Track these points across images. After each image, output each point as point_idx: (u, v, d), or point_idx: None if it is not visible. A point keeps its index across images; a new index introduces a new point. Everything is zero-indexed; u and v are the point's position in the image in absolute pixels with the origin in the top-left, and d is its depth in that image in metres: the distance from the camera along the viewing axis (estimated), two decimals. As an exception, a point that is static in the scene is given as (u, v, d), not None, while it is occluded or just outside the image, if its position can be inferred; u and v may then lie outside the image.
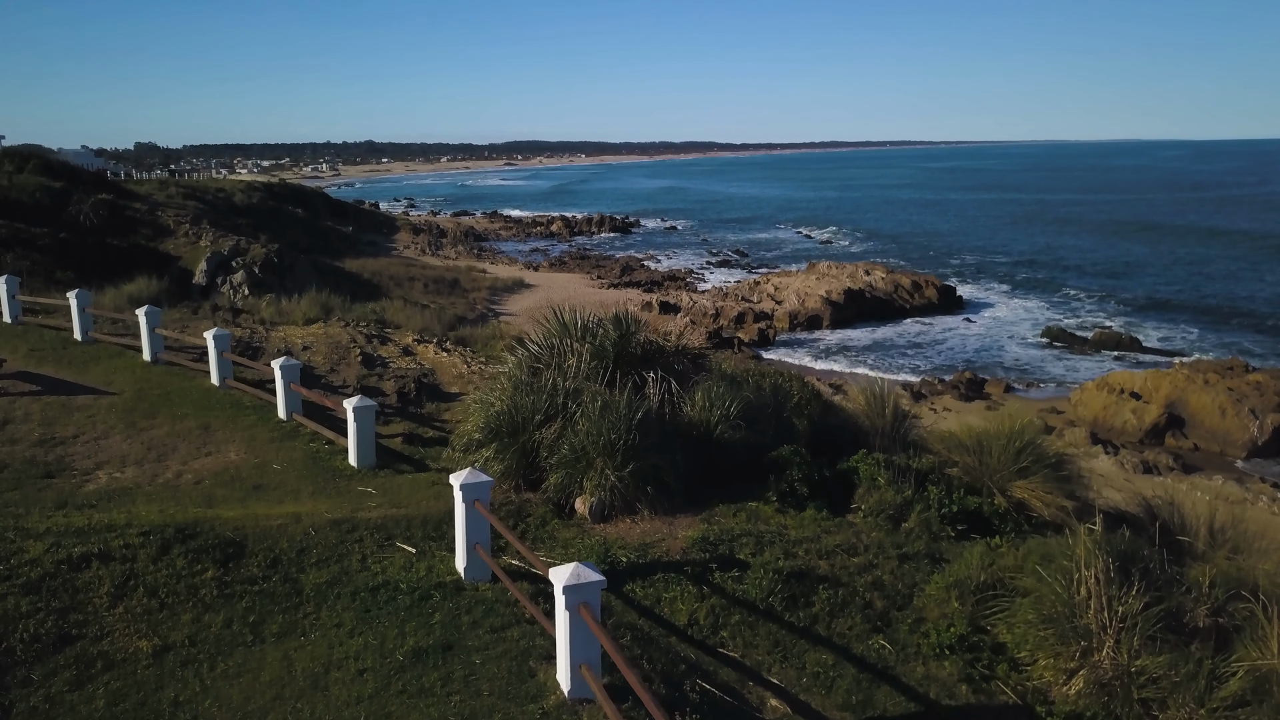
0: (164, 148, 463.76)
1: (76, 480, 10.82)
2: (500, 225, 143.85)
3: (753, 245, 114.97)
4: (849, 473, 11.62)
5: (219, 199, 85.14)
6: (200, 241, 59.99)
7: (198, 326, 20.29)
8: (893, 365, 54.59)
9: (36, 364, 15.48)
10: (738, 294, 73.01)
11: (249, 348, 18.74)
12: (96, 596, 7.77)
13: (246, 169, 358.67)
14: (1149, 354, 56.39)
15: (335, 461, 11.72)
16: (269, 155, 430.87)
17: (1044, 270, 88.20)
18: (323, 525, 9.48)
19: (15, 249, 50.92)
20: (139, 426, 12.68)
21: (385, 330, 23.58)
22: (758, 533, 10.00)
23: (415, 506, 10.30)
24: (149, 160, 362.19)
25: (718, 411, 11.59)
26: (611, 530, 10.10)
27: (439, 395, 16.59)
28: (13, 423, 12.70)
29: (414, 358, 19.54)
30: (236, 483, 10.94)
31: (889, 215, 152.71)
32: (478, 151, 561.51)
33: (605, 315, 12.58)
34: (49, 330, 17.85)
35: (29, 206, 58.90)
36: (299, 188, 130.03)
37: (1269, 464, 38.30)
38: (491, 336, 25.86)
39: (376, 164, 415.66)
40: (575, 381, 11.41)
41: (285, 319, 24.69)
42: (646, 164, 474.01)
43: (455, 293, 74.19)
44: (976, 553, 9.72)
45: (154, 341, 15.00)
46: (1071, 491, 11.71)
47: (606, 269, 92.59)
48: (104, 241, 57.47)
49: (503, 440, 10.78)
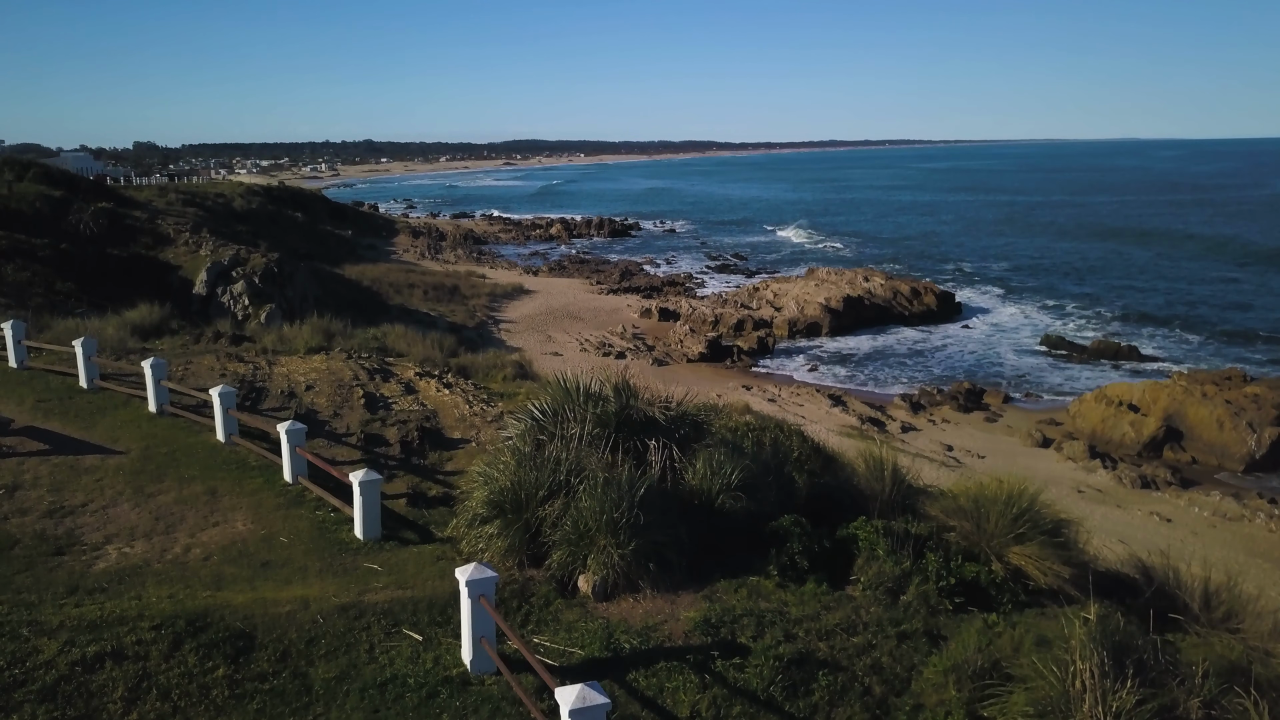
0: (163, 147, 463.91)
1: (86, 558, 10.96)
2: (500, 228, 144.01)
3: (752, 249, 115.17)
4: (848, 540, 11.78)
5: (218, 205, 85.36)
6: (200, 250, 60.14)
7: (200, 364, 20.42)
8: (891, 375, 54.80)
9: (44, 417, 15.62)
10: (737, 300, 73.18)
11: (252, 389, 18.88)
12: (111, 702, 7.92)
13: (245, 169, 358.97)
14: (1147, 362, 56.64)
15: (341, 533, 11.87)
16: (268, 155, 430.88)
17: (1042, 275, 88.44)
18: (330, 611, 9.64)
19: (15, 260, 51.09)
20: (146, 492, 12.83)
21: (387, 362, 23.71)
22: (759, 612, 10.16)
23: (421, 587, 10.45)
24: (148, 160, 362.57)
25: (719, 481, 11.74)
26: (614, 610, 10.26)
27: (441, 442, 16.73)
28: (22, 488, 12.85)
29: (416, 396, 19.66)
30: (244, 559, 11.09)
31: (887, 218, 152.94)
32: (476, 151, 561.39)
33: (606, 378, 12.72)
34: (55, 376, 17.98)
35: (29, 216, 59.07)
36: (298, 191, 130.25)
37: (1267, 478, 38.53)
38: (492, 366, 26.00)
39: (376, 164, 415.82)
40: (578, 452, 11.56)
41: (287, 348, 24.80)
42: (645, 164, 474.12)
43: (455, 300, 74.38)
44: (973, 633, 9.88)
45: (159, 394, 15.16)
46: (1069, 558, 11.85)
47: (606, 274, 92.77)
48: (104, 251, 57.61)
49: (506, 517, 10.93)
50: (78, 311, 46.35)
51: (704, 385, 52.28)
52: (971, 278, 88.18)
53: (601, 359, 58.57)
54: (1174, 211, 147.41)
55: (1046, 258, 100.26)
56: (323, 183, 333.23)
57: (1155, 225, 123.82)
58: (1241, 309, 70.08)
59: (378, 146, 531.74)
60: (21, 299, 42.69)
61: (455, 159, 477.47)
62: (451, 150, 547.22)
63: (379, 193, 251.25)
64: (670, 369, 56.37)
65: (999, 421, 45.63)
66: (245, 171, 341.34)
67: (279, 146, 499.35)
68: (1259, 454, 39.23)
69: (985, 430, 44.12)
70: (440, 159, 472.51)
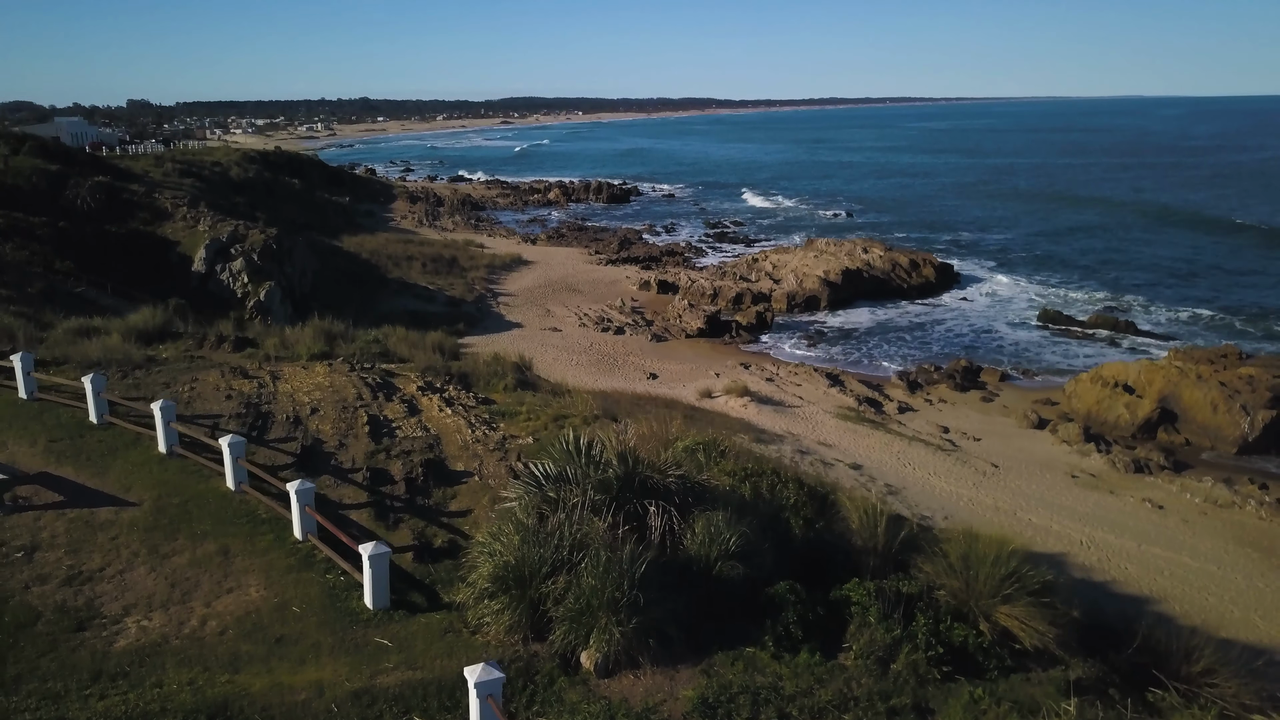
0: (157, 105, 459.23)
1: (107, 633, 11.38)
2: (497, 193, 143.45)
3: (750, 215, 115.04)
4: (842, 603, 12.20)
5: (215, 174, 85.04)
6: (199, 225, 60.17)
7: (206, 381, 20.71)
8: (890, 352, 55.17)
9: (57, 461, 15.98)
10: (735, 272, 73.30)
11: (258, 415, 19.19)
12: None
13: (241, 129, 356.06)
14: (1143, 337, 56.98)
15: (352, 601, 12.28)
16: (263, 113, 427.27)
17: (1040, 245, 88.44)
18: (344, 699, 10.08)
19: (14, 239, 51.21)
20: (161, 553, 13.22)
21: (389, 372, 24.02)
22: (754, 689, 10.59)
23: (430, 666, 10.88)
24: (142, 119, 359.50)
25: (717, 548, 12.12)
26: (615, 688, 10.69)
27: (445, 475, 17.10)
28: (41, 549, 13.25)
29: (419, 419, 19.98)
30: (259, 633, 11.51)
31: (887, 183, 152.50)
32: (473, 109, 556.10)
33: (611, 444, 13.05)
34: (65, 409, 18.31)
35: (26, 192, 59.08)
36: (294, 155, 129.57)
37: (1259, 461, 39.04)
38: (493, 374, 26.36)
39: (372, 123, 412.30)
40: (581, 522, 11.92)
41: (290, 353, 25.10)
42: (644, 122, 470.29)
43: (454, 272, 74.46)
44: (959, 709, 10.34)
45: (169, 435, 15.53)
46: (1055, 617, 12.26)
47: (604, 243, 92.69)
48: (102, 228, 57.70)
49: (511, 593, 11.33)
50: (77, 290, 46.58)
51: (702, 362, 52.65)
52: (969, 248, 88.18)
53: (600, 334, 58.90)
54: (1178, 176, 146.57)
55: (1046, 224, 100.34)
56: (319, 143, 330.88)
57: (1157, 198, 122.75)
58: (1240, 283, 70.24)
59: (374, 104, 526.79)
60: (22, 284, 42.90)
61: (452, 117, 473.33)
62: (448, 108, 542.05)
63: (376, 154, 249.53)
64: (669, 345, 56.70)
65: (995, 401, 46.05)
66: (241, 132, 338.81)
67: (274, 105, 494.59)
68: (1251, 436, 39.69)
69: (982, 411, 44.54)
70: (437, 117, 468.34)
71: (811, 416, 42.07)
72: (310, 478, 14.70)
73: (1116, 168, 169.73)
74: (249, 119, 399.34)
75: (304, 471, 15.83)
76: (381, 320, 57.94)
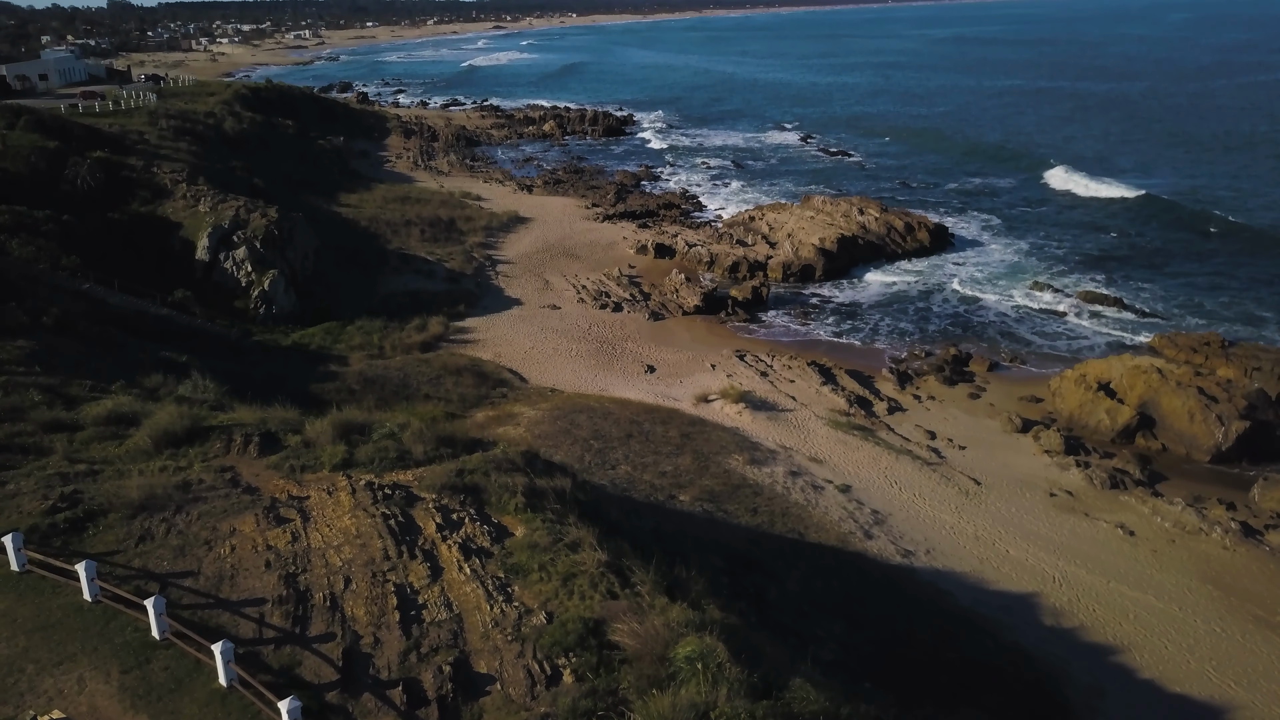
0: (139, 6, 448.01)
1: None
2: (491, 123, 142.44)
3: (749, 153, 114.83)
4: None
5: (209, 131, 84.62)
6: (199, 205, 60.70)
7: (242, 531, 21.56)
8: (882, 328, 56.90)
9: (133, 708, 15.68)
10: (731, 235, 73.99)
11: (298, 593, 17.70)
12: None
13: (227, 37, 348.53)
14: (1130, 313, 58.35)
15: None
16: (248, 16, 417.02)
17: (1033, 206, 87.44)
18: None
19: (20, 235, 51.99)
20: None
21: (408, 498, 23.20)
22: None
23: None
24: (125, 26, 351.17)
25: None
26: None
27: (470, 683, 16.18)
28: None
29: (441, 586, 19.83)
30: None
31: (886, 109, 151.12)
32: (464, 11, 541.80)
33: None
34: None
35: (26, 176, 59.36)
36: (286, 91, 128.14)
37: (1229, 470, 40.73)
38: (503, 490, 27.25)
39: (360, 28, 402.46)
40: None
41: (313, 457, 24.03)
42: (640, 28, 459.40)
43: (452, 239, 75.10)
44: None
45: (229, 673, 15.97)
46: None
47: (601, 191, 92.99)
48: (105, 217, 58.28)
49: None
50: (84, 287, 47.32)
51: (700, 349, 54.04)
52: (964, 204, 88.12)
53: (599, 311, 60.04)
54: (1165, 116, 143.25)
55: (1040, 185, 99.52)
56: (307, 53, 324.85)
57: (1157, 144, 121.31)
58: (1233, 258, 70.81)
59: (362, 5, 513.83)
60: (34, 292, 43.73)
61: (443, 21, 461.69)
62: (438, 9, 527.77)
63: (366, 70, 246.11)
64: (666, 324, 57.95)
65: (982, 399, 47.51)
66: (228, 41, 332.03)
67: (259, 5, 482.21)
68: (1225, 446, 41.33)
69: (969, 412, 46.03)
70: (427, 21, 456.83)
71: (804, 424, 43.65)
72: (354, 698, 15.49)
73: (1119, 96, 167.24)
74: (234, 23, 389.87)
75: (348, 692, 16.49)
76: (383, 305, 58.98)
